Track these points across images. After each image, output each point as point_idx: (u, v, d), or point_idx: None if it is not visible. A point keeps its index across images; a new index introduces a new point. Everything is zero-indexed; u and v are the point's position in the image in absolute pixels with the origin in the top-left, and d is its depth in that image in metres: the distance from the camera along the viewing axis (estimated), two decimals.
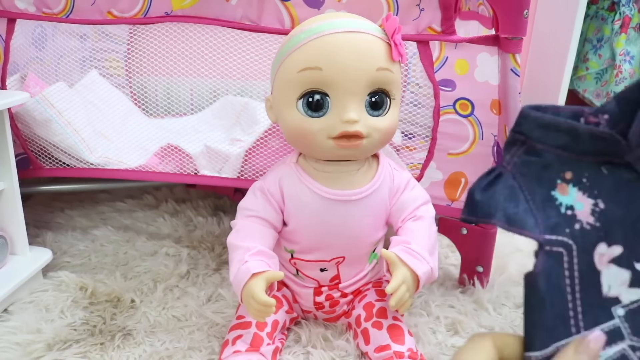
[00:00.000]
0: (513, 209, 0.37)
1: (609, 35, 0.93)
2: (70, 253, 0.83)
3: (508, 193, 0.38)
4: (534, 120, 0.37)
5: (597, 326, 0.36)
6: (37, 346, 0.60)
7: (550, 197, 0.38)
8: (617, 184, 0.37)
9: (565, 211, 0.38)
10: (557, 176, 0.38)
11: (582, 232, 0.37)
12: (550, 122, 0.37)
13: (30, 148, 0.76)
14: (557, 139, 0.37)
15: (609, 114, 0.36)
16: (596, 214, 0.37)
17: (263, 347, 0.57)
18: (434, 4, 0.64)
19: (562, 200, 0.38)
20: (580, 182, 0.38)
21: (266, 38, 0.73)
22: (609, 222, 0.37)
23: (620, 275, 0.37)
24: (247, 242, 0.56)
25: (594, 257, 0.37)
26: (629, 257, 0.37)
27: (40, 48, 0.80)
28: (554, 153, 0.37)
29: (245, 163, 0.74)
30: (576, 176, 0.38)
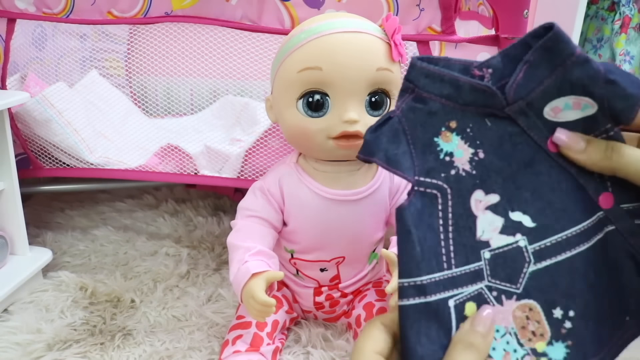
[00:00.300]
0: (393, 150, 0.40)
1: (609, 36, 0.93)
2: (70, 253, 0.83)
3: (392, 135, 0.40)
4: (420, 70, 0.39)
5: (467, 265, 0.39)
6: (37, 346, 0.60)
7: (433, 142, 0.40)
8: (501, 136, 0.40)
9: (443, 157, 0.40)
10: (442, 124, 0.40)
11: (457, 178, 0.39)
12: (435, 72, 0.39)
13: (30, 148, 0.76)
14: (441, 89, 0.39)
15: (493, 68, 0.39)
16: (474, 162, 0.40)
17: (263, 347, 0.57)
18: (434, 4, 0.64)
19: (443, 147, 0.40)
20: (464, 131, 0.40)
21: (266, 38, 0.73)
22: (487, 171, 0.40)
23: (494, 221, 0.39)
24: (247, 242, 0.56)
25: (471, 202, 0.39)
26: (504, 206, 0.40)
27: (40, 48, 0.80)
28: (439, 102, 0.40)
29: (245, 163, 0.74)
30: (460, 125, 0.40)
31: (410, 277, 0.38)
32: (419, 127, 0.40)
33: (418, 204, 0.39)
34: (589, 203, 0.39)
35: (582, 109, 0.38)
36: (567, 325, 0.38)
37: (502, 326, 0.38)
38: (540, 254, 0.39)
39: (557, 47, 0.36)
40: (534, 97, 0.38)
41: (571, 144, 0.38)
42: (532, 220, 0.39)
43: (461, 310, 0.38)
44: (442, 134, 0.40)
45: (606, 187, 0.39)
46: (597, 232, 0.39)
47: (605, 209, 0.39)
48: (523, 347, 0.38)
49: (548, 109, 0.39)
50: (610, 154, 0.37)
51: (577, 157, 0.39)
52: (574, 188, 0.39)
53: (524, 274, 0.39)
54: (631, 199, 0.39)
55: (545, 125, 0.39)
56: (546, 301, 0.39)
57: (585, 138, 0.38)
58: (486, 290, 0.39)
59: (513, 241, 0.39)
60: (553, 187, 0.39)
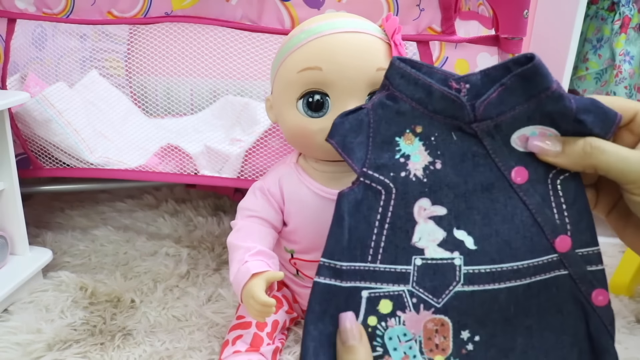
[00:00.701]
0: (351, 138, 0.41)
1: (609, 36, 0.93)
2: (71, 253, 0.83)
3: (355, 124, 0.41)
4: (397, 70, 0.40)
5: (393, 265, 0.39)
6: (37, 346, 0.60)
7: (393, 141, 0.41)
8: (464, 153, 0.40)
9: (399, 157, 0.40)
10: (408, 126, 0.41)
11: (406, 181, 0.40)
12: (410, 74, 0.40)
13: (30, 148, 0.76)
14: (413, 91, 0.40)
15: (471, 84, 0.39)
16: (427, 171, 0.40)
17: (263, 347, 0.57)
18: (434, 4, 0.64)
19: (402, 148, 0.41)
20: (428, 139, 0.40)
21: (266, 38, 0.73)
22: (440, 183, 0.40)
23: (434, 232, 0.40)
24: (247, 242, 0.56)
25: (414, 208, 0.40)
26: (450, 221, 0.40)
27: (41, 48, 0.80)
28: (409, 104, 0.40)
29: (245, 163, 0.74)
30: (425, 132, 0.40)
31: (332, 259, 0.39)
32: (384, 124, 0.41)
33: (359, 194, 0.40)
34: (541, 243, 0.39)
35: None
36: (469, 347, 0.39)
37: (411, 332, 0.39)
38: (471, 278, 0.39)
39: (535, 78, 0.37)
40: (504, 121, 0.39)
41: (547, 148, 0.38)
42: (474, 242, 0.39)
43: (374, 304, 0.39)
44: (406, 135, 0.41)
45: (565, 230, 0.39)
46: (540, 273, 0.39)
47: (560, 252, 0.39)
48: (423, 355, 0.39)
49: (515, 136, 0.39)
50: (590, 151, 0.37)
51: (556, 160, 0.38)
52: (528, 224, 0.39)
53: (449, 291, 0.39)
54: (587, 243, 0.39)
55: (511, 154, 0.39)
56: (459, 322, 0.39)
57: (561, 139, 0.38)
58: (407, 295, 0.40)
59: (449, 257, 0.39)
60: (505, 218, 0.39)
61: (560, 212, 0.39)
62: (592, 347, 0.40)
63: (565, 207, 0.39)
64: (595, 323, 0.40)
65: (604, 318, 0.40)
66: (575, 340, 0.40)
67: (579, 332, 0.40)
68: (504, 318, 0.39)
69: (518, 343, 0.40)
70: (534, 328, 0.40)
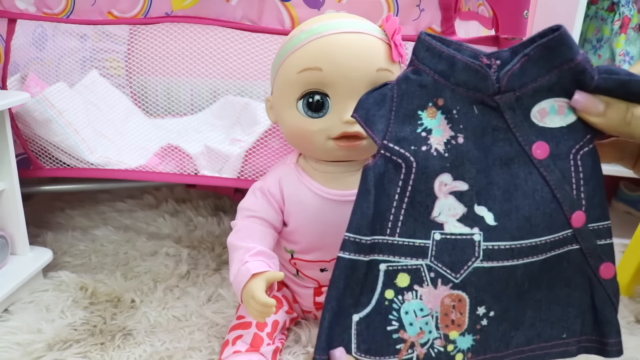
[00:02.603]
0: (374, 111, 0.41)
1: (609, 36, 0.93)
2: (71, 253, 0.83)
3: (379, 99, 0.41)
4: (423, 43, 0.40)
5: (412, 238, 0.40)
6: (38, 346, 0.60)
7: (416, 114, 0.40)
8: (485, 128, 0.39)
9: (420, 131, 0.40)
10: (430, 99, 0.40)
11: (427, 155, 0.39)
12: (435, 47, 0.39)
13: (30, 148, 0.76)
14: (437, 64, 0.39)
15: (501, 60, 0.38)
16: (449, 146, 0.39)
17: (263, 347, 0.57)
18: (434, 4, 0.64)
19: (425, 122, 0.40)
20: (450, 112, 0.40)
21: (266, 38, 0.73)
22: (461, 157, 0.39)
23: (455, 207, 0.40)
24: (247, 242, 0.56)
25: (435, 182, 0.39)
26: (471, 197, 0.39)
27: (41, 48, 0.80)
28: (431, 76, 0.40)
29: (245, 163, 0.74)
30: (447, 105, 0.40)
31: (357, 234, 0.39)
32: (407, 97, 0.40)
33: (381, 167, 0.39)
34: (559, 218, 0.39)
35: (566, 114, 0.39)
36: (483, 322, 0.40)
37: (428, 307, 0.40)
38: (490, 254, 0.39)
39: (559, 48, 0.36)
40: (525, 93, 0.38)
41: (589, 106, 0.37)
42: (494, 219, 0.39)
43: (392, 277, 0.39)
44: (429, 108, 0.40)
45: (581, 205, 0.39)
46: (555, 248, 0.39)
47: (575, 228, 0.39)
48: (438, 330, 0.40)
49: (535, 110, 0.39)
50: (630, 119, 0.36)
51: (595, 120, 0.37)
52: (547, 200, 0.39)
53: (468, 267, 0.39)
54: (599, 218, 0.40)
55: (531, 128, 0.39)
56: (476, 298, 0.40)
57: (605, 100, 0.37)
58: (425, 269, 0.40)
59: (469, 232, 0.39)
60: (526, 194, 0.39)
61: (578, 188, 0.39)
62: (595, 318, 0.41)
63: (582, 182, 0.39)
64: (601, 295, 0.40)
65: (609, 290, 0.40)
66: (579, 312, 0.41)
67: (584, 303, 0.41)
68: (518, 292, 0.40)
69: (527, 316, 0.40)
70: (543, 301, 0.40)
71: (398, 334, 0.39)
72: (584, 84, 0.37)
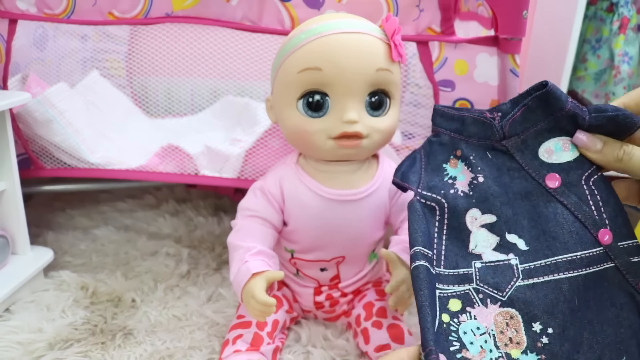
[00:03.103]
0: (407, 170, 0.49)
1: (608, 36, 0.93)
2: (72, 253, 0.83)
3: (411, 162, 0.50)
4: (437, 111, 0.50)
5: (455, 269, 0.43)
6: (39, 345, 0.60)
7: (442, 167, 0.48)
8: (500, 168, 0.46)
9: (447, 179, 0.48)
10: (451, 153, 0.49)
11: (455, 196, 0.46)
12: (447, 112, 0.49)
13: (31, 148, 0.76)
14: (450, 124, 0.49)
15: (502, 112, 0.46)
16: (472, 185, 0.47)
17: (263, 347, 0.57)
18: (433, 4, 0.64)
19: (450, 172, 0.48)
20: (468, 159, 0.47)
21: (266, 38, 0.73)
22: (484, 193, 0.46)
23: (488, 238, 0.44)
24: (247, 242, 0.56)
25: (466, 218, 0.45)
26: (501, 227, 0.45)
27: (42, 49, 0.80)
28: (448, 135, 0.49)
29: (245, 163, 0.74)
30: (464, 154, 0.48)
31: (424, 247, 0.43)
32: (432, 156, 0.49)
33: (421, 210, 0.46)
34: (586, 236, 0.42)
35: (570, 150, 0.44)
36: (544, 340, 0.41)
37: (484, 325, 0.41)
38: (529, 273, 0.42)
39: (550, 100, 0.44)
40: (528, 136, 0.45)
41: (589, 144, 0.42)
42: (526, 244, 0.43)
43: (445, 303, 0.42)
44: (451, 161, 0.48)
45: (604, 224, 0.42)
46: (592, 265, 0.41)
47: (605, 245, 0.42)
48: (499, 349, 0.41)
49: (542, 150, 0.45)
50: (621, 156, 0.41)
51: (593, 156, 0.42)
52: (570, 221, 0.43)
53: (511, 286, 0.42)
54: (626, 236, 0.42)
55: (541, 165, 0.45)
56: (527, 314, 0.41)
57: (603, 139, 0.42)
58: (473, 292, 0.43)
59: (505, 259, 0.43)
60: (549, 218, 0.43)
61: (598, 209, 0.42)
62: None
63: (601, 204, 0.42)
64: None
65: None
66: (633, 333, 0.41)
67: (634, 323, 0.41)
68: (571, 310, 0.41)
69: (585, 338, 0.41)
70: (595, 322, 0.41)
71: (461, 353, 0.40)
72: (578, 124, 0.43)
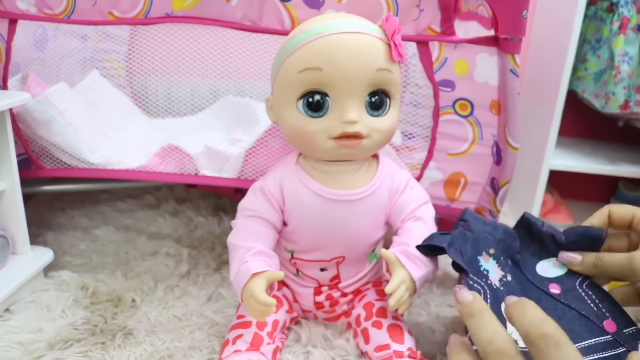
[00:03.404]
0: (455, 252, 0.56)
1: (608, 36, 0.93)
2: (72, 253, 0.83)
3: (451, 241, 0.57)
4: (470, 215, 0.62)
5: None
6: (39, 345, 0.60)
7: (476, 258, 0.57)
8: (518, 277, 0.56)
9: (482, 270, 0.57)
10: (484, 249, 0.59)
11: (491, 288, 0.55)
12: (480, 218, 0.61)
13: (31, 148, 0.76)
14: (484, 227, 0.60)
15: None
16: (502, 282, 0.56)
17: (263, 347, 0.57)
18: (433, 4, 0.64)
19: (483, 264, 0.57)
20: (499, 259, 0.58)
21: (266, 38, 0.73)
22: (512, 291, 0.55)
23: None
24: (247, 242, 0.56)
25: (501, 306, 0.53)
26: None
27: (42, 49, 0.80)
28: (483, 235, 0.60)
29: (245, 163, 0.74)
30: (496, 254, 0.59)
31: None
32: (467, 245, 0.58)
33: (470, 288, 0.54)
34: (593, 327, 0.50)
35: (559, 267, 0.57)
36: None
37: None
38: None
39: (529, 226, 0.58)
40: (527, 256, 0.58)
41: (571, 260, 0.55)
42: None
43: None
44: (484, 255, 0.58)
45: (606, 316, 0.51)
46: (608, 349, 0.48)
47: (611, 333, 0.49)
48: None
49: (539, 268, 0.57)
50: (597, 262, 0.54)
51: (577, 268, 0.55)
52: (576, 317, 0.51)
53: None
54: (628, 324, 0.50)
55: (542, 278, 0.56)
56: None
57: (581, 254, 0.55)
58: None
59: None
60: (560, 316, 0.51)
61: (597, 305, 0.52)
62: None
63: (598, 301, 0.52)
64: None
65: None
66: None
67: None
68: None
69: None
70: None
71: None
72: (560, 244, 0.56)
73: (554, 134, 0.98)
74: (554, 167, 1.01)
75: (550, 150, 0.99)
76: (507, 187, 0.71)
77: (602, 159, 1.07)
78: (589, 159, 1.06)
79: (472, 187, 0.75)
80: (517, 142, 0.67)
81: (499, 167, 0.71)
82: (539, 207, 1.03)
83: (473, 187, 0.75)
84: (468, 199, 0.76)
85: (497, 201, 0.73)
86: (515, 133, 0.66)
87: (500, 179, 0.71)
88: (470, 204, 0.77)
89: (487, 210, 0.75)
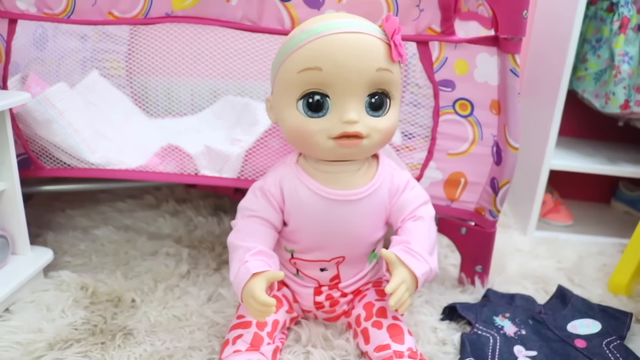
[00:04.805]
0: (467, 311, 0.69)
1: (608, 36, 0.93)
2: (71, 253, 0.83)
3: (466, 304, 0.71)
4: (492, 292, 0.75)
5: None
6: (39, 345, 0.60)
7: (492, 318, 0.69)
8: (539, 331, 0.66)
9: (497, 324, 0.67)
10: (501, 313, 0.70)
11: (504, 336, 0.65)
12: (498, 292, 0.76)
13: (31, 148, 0.76)
14: (501, 299, 0.74)
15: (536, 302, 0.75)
16: (517, 334, 0.66)
17: (263, 347, 0.57)
18: (433, 4, 0.64)
19: (498, 322, 0.68)
20: (514, 320, 0.68)
21: (266, 38, 0.73)
22: (527, 339, 0.65)
23: None
24: (247, 242, 0.56)
25: (514, 350, 0.63)
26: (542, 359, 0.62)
27: (42, 48, 0.80)
28: (501, 304, 0.72)
29: (245, 163, 0.74)
30: (511, 317, 0.69)
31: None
32: (486, 310, 0.70)
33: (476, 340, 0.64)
34: None
35: (592, 326, 0.66)
36: None
37: None
38: None
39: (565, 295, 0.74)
40: (557, 316, 0.69)
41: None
42: None
43: None
44: (500, 317, 0.69)
45: None
46: None
47: None
48: None
49: (569, 326, 0.67)
50: None
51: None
52: None
53: None
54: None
55: (570, 334, 0.66)
56: None
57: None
58: None
59: None
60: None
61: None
62: None
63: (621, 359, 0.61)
64: None
65: None
66: None
67: None
68: None
69: None
70: None
71: None
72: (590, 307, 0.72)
73: (554, 134, 0.98)
74: (554, 167, 1.01)
75: (550, 150, 0.99)
76: (507, 187, 0.71)
77: (602, 159, 1.07)
78: (589, 159, 1.06)
79: (472, 187, 0.75)
80: (517, 142, 0.67)
81: (499, 167, 0.71)
82: (539, 207, 1.03)
83: (473, 187, 0.75)
84: (468, 198, 0.76)
85: (497, 201, 0.73)
86: (515, 133, 0.66)
87: (501, 179, 0.71)
88: (470, 203, 0.77)
89: (487, 210, 0.75)
